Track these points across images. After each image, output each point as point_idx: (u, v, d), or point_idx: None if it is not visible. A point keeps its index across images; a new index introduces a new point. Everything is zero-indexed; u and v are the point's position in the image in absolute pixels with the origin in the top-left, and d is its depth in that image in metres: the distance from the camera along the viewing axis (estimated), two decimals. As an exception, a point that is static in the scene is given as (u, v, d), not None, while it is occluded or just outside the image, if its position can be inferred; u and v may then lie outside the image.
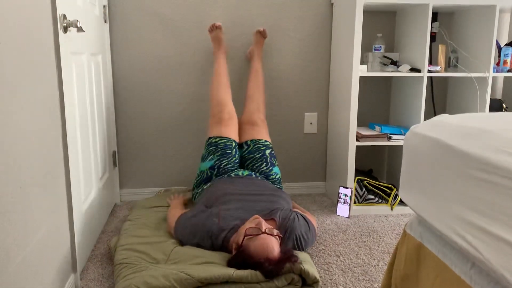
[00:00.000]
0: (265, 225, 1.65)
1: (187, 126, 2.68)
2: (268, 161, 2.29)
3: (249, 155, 2.30)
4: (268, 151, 2.32)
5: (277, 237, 1.65)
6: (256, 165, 2.27)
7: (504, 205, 0.92)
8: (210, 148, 2.28)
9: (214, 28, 2.48)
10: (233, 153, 2.27)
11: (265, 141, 2.35)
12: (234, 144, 2.30)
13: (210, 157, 2.25)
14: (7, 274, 1.13)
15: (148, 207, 2.30)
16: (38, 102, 1.37)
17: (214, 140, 2.28)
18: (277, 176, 2.29)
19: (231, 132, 2.32)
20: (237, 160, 2.29)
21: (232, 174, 2.19)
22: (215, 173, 2.24)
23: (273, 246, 1.59)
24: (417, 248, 1.31)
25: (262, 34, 2.53)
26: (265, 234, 1.61)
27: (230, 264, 1.62)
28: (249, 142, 2.34)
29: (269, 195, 1.99)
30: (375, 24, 2.72)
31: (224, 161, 2.24)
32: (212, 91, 2.42)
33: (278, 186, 2.28)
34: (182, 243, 1.83)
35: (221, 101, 2.36)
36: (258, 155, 2.29)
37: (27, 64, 1.29)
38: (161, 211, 2.23)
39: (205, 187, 2.18)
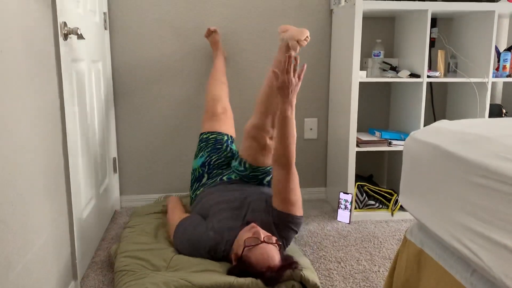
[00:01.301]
0: (263, 233, 1.64)
1: (187, 132, 2.68)
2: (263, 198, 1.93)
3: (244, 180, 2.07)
4: (267, 178, 2.07)
5: (276, 244, 1.64)
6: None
7: (504, 211, 0.92)
8: (201, 144, 2.22)
9: (210, 33, 2.50)
10: (224, 147, 2.18)
11: (266, 167, 2.03)
12: (225, 138, 2.21)
13: (201, 153, 2.19)
14: (7, 282, 1.13)
15: (148, 213, 2.30)
16: (39, 109, 1.37)
17: (205, 136, 2.23)
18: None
19: (224, 126, 2.24)
20: (229, 154, 2.17)
21: (224, 178, 2.09)
22: (206, 170, 2.14)
23: (273, 254, 1.58)
24: (417, 254, 1.30)
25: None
26: (264, 243, 1.60)
27: (231, 273, 1.61)
28: (247, 165, 2.01)
29: (257, 198, 1.91)
30: (374, 30, 2.73)
31: (214, 157, 2.16)
32: (208, 87, 2.39)
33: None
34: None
35: (215, 96, 2.31)
36: (250, 188, 2.00)
37: (28, 72, 1.30)
38: (161, 218, 2.22)
39: (198, 192, 2.13)
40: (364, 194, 2.50)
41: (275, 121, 1.86)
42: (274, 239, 1.65)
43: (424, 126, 2.58)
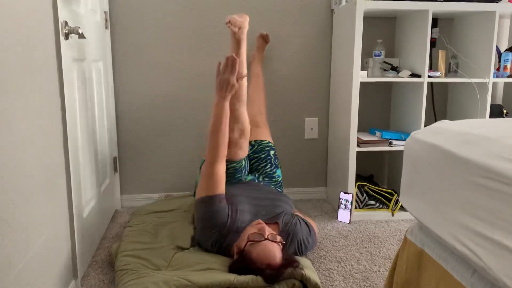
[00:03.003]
0: (268, 231, 1.65)
1: (188, 131, 2.68)
2: (273, 162, 2.27)
3: (254, 154, 2.28)
4: (272, 152, 2.30)
5: (280, 243, 1.65)
6: (261, 165, 2.25)
7: (505, 211, 0.92)
8: None
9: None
10: (243, 173, 2.16)
11: (269, 142, 2.34)
12: (244, 164, 2.15)
13: None
14: (8, 280, 1.13)
15: (149, 213, 2.30)
16: (40, 109, 1.37)
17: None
18: (279, 179, 2.27)
19: (241, 152, 2.10)
20: (246, 172, 2.21)
21: (233, 180, 2.18)
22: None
23: (275, 252, 1.58)
24: (418, 254, 1.30)
25: (264, 39, 2.53)
26: (267, 241, 1.61)
27: (231, 269, 1.62)
28: (253, 143, 2.31)
29: (272, 199, 1.98)
30: (375, 29, 2.73)
31: (234, 181, 2.15)
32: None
33: (279, 190, 2.27)
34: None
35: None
36: (263, 155, 2.27)
37: (29, 71, 1.30)
38: (162, 217, 2.22)
39: None
40: (365, 194, 2.50)
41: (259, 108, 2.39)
42: (278, 238, 1.65)
43: (425, 126, 2.58)
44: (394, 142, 2.46)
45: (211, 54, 2.61)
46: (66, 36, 1.60)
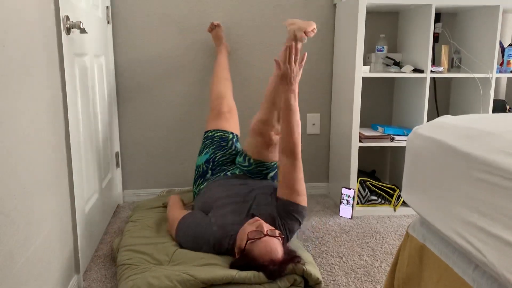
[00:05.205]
0: (266, 227, 1.65)
1: (190, 127, 2.68)
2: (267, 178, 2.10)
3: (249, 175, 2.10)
4: (271, 174, 2.08)
5: (279, 238, 1.65)
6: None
7: (507, 207, 0.91)
8: (206, 142, 2.23)
9: (213, 27, 2.49)
10: (229, 145, 2.19)
11: (271, 162, 2.05)
12: (231, 136, 2.22)
13: (206, 150, 2.20)
14: (10, 275, 1.13)
15: (151, 208, 2.31)
16: (41, 103, 1.37)
17: (210, 134, 2.24)
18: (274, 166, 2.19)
19: (229, 125, 2.25)
20: (233, 152, 2.17)
21: (228, 173, 2.11)
22: (210, 166, 2.15)
23: (276, 248, 1.58)
24: (419, 249, 1.30)
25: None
26: (267, 237, 1.61)
27: (233, 266, 1.62)
28: (252, 161, 2.03)
29: (261, 192, 1.92)
30: (377, 24, 2.72)
31: (218, 154, 2.17)
32: (212, 85, 2.38)
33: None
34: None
35: (220, 94, 2.31)
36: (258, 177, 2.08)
37: (30, 66, 1.30)
38: (164, 212, 2.23)
39: (202, 186, 2.14)
40: (367, 190, 2.49)
41: (280, 113, 1.88)
42: (277, 232, 1.65)
43: (427, 121, 2.57)
44: (396, 137, 2.46)
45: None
46: (68, 31, 1.60)
